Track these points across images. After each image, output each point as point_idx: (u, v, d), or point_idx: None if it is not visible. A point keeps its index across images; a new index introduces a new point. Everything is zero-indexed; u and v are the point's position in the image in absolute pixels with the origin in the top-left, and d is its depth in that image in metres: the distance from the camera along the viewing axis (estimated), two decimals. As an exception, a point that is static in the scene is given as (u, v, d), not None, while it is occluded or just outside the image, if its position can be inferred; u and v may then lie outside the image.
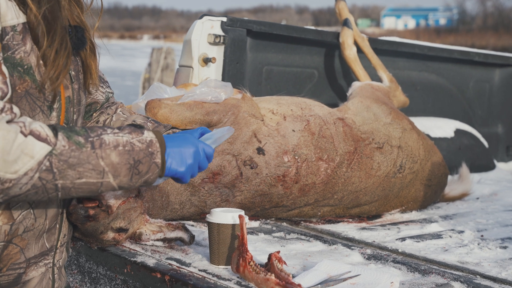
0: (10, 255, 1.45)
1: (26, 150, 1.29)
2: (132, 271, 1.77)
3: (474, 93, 3.93)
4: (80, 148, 1.35)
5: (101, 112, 1.86)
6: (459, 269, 1.90)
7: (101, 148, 1.38)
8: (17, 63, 1.39)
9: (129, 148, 1.41)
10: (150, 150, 1.44)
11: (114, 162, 1.39)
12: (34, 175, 1.31)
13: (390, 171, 2.56)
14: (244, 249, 1.66)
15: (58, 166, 1.33)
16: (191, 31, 2.73)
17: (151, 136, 1.45)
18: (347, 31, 3.05)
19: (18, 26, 1.39)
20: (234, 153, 2.28)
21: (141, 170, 1.43)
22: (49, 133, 1.33)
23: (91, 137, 1.38)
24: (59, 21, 1.45)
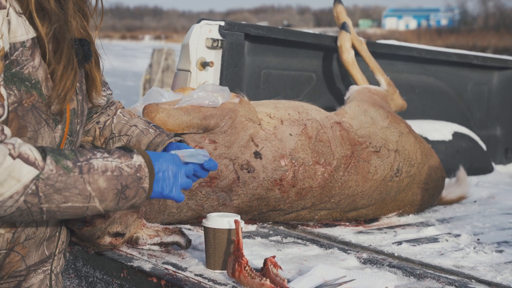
0: (11, 263, 1.47)
1: (13, 174, 1.29)
2: (128, 275, 1.78)
3: (473, 96, 3.94)
4: (68, 173, 1.35)
5: (101, 113, 1.85)
6: (454, 273, 1.91)
7: (89, 173, 1.37)
8: (25, 78, 1.40)
9: (117, 173, 1.40)
10: (139, 175, 1.44)
11: (101, 187, 1.38)
12: (20, 198, 1.31)
13: (387, 174, 2.57)
14: (240, 254, 1.67)
15: (44, 191, 1.33)
16: (189, 35, 2.74)
17: (140, 161, 1.44)
18: (345, 34, 3.06)
19: (27, 41, 1.40)
20: (231, 157, 2.29)
21: (128, 195, 1.43)
22: (37, 157, 1.33)
23: (79, 161, 1.37)
24: (66, 40, 1.46)
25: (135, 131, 1.82)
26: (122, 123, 1.84)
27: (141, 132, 1.82)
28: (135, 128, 1.82)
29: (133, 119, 1.87)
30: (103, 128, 1.83)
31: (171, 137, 1.79)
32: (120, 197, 1.41)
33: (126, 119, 1.86)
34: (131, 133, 1.81)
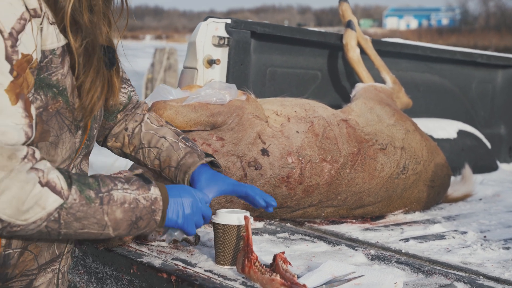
0: (25, 262, 1.48)
1: (40, 201, 1.33)
2: (138, 271, 1.79)
3: (477, 94, 3.94)
4: (89, 203, 1.39)
5: (126, 114, 1.84)
6: (462, 269, 1.92)
7: (108, 204, 1.42)
8: (53, 84, 1.41)
9: (134, 205, 1.46)
10: (153, 208, 1.49)
11: (117, 218, 1.44)
12: (42, 224, 1.35)
13: (394, 172, 2.58)
14: (250, 249, 1.67)
15: (66, 218, 1.37)
16: (196, 33, 2.74)
17: (156, 194, 1.50)
18: (351, 32, 3.06)
19: (57, 49, 1.41)
20: (239, 154, 2.30)
21: (140, 225, 1.49)
22: (63, 186, 1.36)
23: (101, 192, 1.42)
24: (96, 53, 1.47)
25: (164, 144, 1.82)
26: (151, 133, 1.83)
27: (171, 146, 1.81)
28: (164, 141, 1.82)
29: (162, 128, 1.85)
30: (131, 137, 1.83)
31: (202, 158, 1.80)
32: (132, 227, 1.48)
33: (155, 127, 1.85)
34: (160, 146, 1.81)
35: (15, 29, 1.31)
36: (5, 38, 1.29)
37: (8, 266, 1.45)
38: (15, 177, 1.30)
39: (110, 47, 1.56)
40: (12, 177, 1.30)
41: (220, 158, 2.26)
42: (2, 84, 1.29)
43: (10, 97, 1.30)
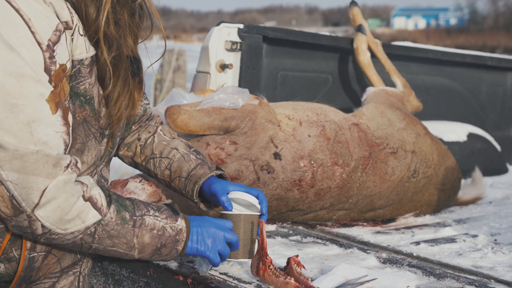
0: (48, 265, 1.52)
1: (81, 215, 1.40)
2: (155, 273, 1.83)
3: (487, 97, 3.96)
4: (124, 224, 1.48)
5: (140, 125, 1.89)
6: (473, 273, 1.94)
7: (140, 227, 1.50)
8: (81, 93, 1.47)
9: (161, 233, 1.54)
10: (177, 238, 1.58)
11: (145, 242, 1.52)
12: (78, 236, 1.43)
13: (404, 175, 2.60)
14: (264, 253, 1.70)
15: (100, 234, 1.45)
16: (209, 38, 2.78)
17: (182, 225, 1.59)
18: (361, 36, 3.09)
19: (86, 60, 1.46)
20: (252, 158, 2.33)
21: (162, 252, 1.57)
22: (104, 203, 1.44)
23: (135, 215, 1.50)
24: (124, 65, 1.52)
25: (176, 155, 1.85)
26: (163, 144, 1.88)
27: (182, 157, 1.85)
28: (176, 152, 1.86)
29: (174, 140, 1.90)
30: (144, 146, 1.87)
31: (213, 170, 1.84)
32: (155, 253, 1.56)
33: (167, 139, 1.89)
34: (172, 157, 1.85)
35: (52, 40, 1.37)
36: (44, 50, 1.35)
37: (33, 268, 1.49)
38: (63, 188, 1.37)
39: (135, 58, 1.61)
40: (59, 187, 1.36)
41: (233, 162, 2.29)
42: (43, 95, 1.35)
43: (51, 106, 1.36)
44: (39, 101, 1.34)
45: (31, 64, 1.33)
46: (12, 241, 1.45)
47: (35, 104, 1.34)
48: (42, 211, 1.36)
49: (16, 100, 1.32)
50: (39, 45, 1.35)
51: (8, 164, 1.33)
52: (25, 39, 1.33)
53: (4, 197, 1.35)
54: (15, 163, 1.33)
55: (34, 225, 1.37)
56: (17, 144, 1.32)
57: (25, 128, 1.33)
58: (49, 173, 1.35)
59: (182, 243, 1.59)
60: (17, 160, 1.33)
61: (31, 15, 1.34)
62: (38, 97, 1.34)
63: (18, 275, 1.48)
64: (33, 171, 1.34)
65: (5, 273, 1.48)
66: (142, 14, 1.64)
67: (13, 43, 1.32)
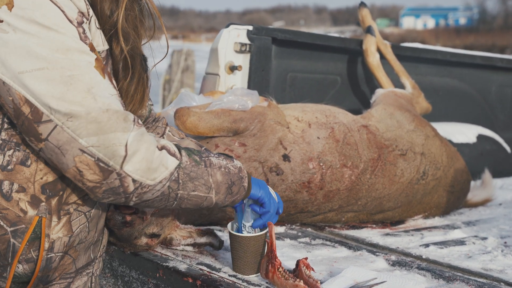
0: (64, 265, 1.54)
1: (163, 162, 1.45)
2: (164, 275, 1.84)
3: (497, 98, 3.94)
4: (198, 165, 1.53)
5: (147, 127, 1.91)
6: (483, 276, 1.93)
7: (210, 167, 1.57)
8: None
9: (227, 171, 1.61)
10: (241, 175, 1.65)
11: (218, 180, 1.58)
12: (166, 184, 1.47)
13: (413, 177, 2.60)
14: (273, 255, 1.71)
15: (183, 178, 1.50)
16: (218, 39, 2.79)
17: (240, 164, 1.67)
18: (370, 38, 3.09)
19: (102, 52, 1.50)
20: (261, 160, 2.33)
21: (233, 190, 1.63)
22: (175, 150, 1.50)
23: (203, 157, 1.56)
24: (138, 58, 1.57)
25: None
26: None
27: None
28: None
29: (184, 140, 1.95)
30: None
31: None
32: (228, 192, 1.62)
33: (177, 139, 1.95)
34: None
35: (78, 21, 1.42)
36: (77, 26, 1.41)
37: (50, 269, 1.51)
38: (141, 139, 1.42)
39: (143, 55, 1.65)
40: (138, 139, 1.41)
41: (242, 164, 2.29)
42: (91, 63, 1.40)
43: (100, 72, 1.42)
44: (90, 68, 1.40)
45: (72, 37, 1.39)
46: (31, 242, 1.46)
47: (88, 71, 1.39)
48: (130, 165, 1.40)
49: (71, 72, 1.37)
50: (71, 22, 1.40)
51: (84, 130, 1.37)
52: (58, 18, 1.38)
53: (89, 164, 1.38)
54: (90, 127, 1.37)
55: (126, 182, 1.41)
56: (87, 109, 1.37)
57: (87, 95, 1.37)
58: (124, 127, 1.40)
59: (246, 179, 1.67)
60: (92, 123, 1.37)
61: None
62: (88, 65, 1.40)
63: (35, 275, 1.49)
64: (110, 129, 1.38)
65: (23, 274, 1.49)
66: (145, 13, 1.66)
67: (48, 23, 1.37)
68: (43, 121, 1.37)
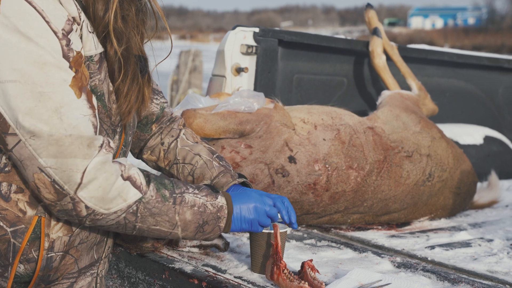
0: (66, 265, 1.55)
1: (122, 193, 1.43)
2: (170, 277, 1.85)
3: (504, 99, 3.93)
4: (164, 201, 1.50)
5: (160, 127, 1.90)
6: (488, 278, 1.93)
7: (180, 205, 1.52)
8: (91, 89, 1.49)
9: (202, 209, 1.56)
10: (219, 215, 1.59)
11: (187, 219, 1.54)
12: (121, 215, 1.45)
13: (419, 179, 2.60)
14: (278, 257, 1.72)
15: (142, 212, 1.47)
16: (224, 41, 2.80)
17: (222, 202, 1.60)
18: (377, 39, 3.09)
19: (95, 56, 1.50)
20: (267, 161, 2.34)
21: (205, 230, 1.59)
22: (143, 182, 1.47)
23: (175, 193, 1.52)
24: (132, 58, 1.55)
25: (199, 161, 1.87)
26: (186, 149, 1.89)
27: (205, 164, 1.86)
28: (199, 158, 1.87)
29: (197, 145, 1.90)
30: (167, 151, 1.89)
31: (235, 178, 1.85)
32: (198, 231, 1.57)
33: (190, 144, 1.90)
34: (194, 163, 1.87)
35: (65, 30, 1.41)
36: (60, 38, 1.40)
37: (50, 268, 1.52)
38: (102, 168, 1.40)
39: (142, 56, 1.64)
40: (98, 167, 1.40)
41: (248, 166, 2.31)
42: (66, 81, 1.39)
43: (75, 91, 1.40)
44: (63, 87, 1.38)
45: (51, 51, 1.37)
46: (31, 241, 1.48)
47: (60, 90, 1.38)
48: (84, 192, 1.39)
49: (42, 88, 1.36)
50: (55, 33, 1.39)
51: (44, 151, 1.37)
52: (41, 29, 1.37)
53: (46, 183, 1.38)
54: (51, 148, 1.37)
55: (78, 207, 1.41)
56: (50, 131, 1.36)
57: (54, 114, 1.37)
58: (85, 153, 1.39)
59: (224, 220, 1.61)
60: (53, 145, 1.37)
61: (43, 6, 1.38)
62: (62, 83, 1.38)
63: (36, 274, 1.51)
64: (70, 154, 1.37)
65: (24, 274, 1.51)
66: (146, 12, 1.67)
67: (30, 34, 1.36)
68: (9, 133, 1.38)
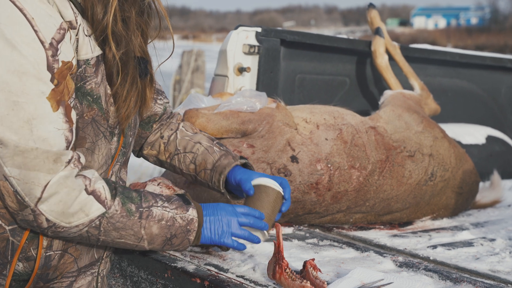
0: (65, 264, 1.56)
1: (84, 208, 1.43)
2: (172, 276, 1.85)
3: (506, 99, 3.93)
4: (129, 216, 1.49)
5: (161, 124, 1.91)
6: (490, 277, 1.93)
7: (147, 219, 1.52)
8: (87, 92, 1.49)
9: (170, 223, 1.55)
10: (188, 228, 1.59)
11: (153, 233, 1.54)
12: (83, 229, 1.45)
13: (422, 179, 2.60)
14: (280, 256, 1.72)
15: (106, 227, 1.47)
16: (227, 41, 2.80)
17: (193, 215, 1.59)
18: (379, 39, 3.09)
19: (92, 59, 1.49)
20: (269, 161, 2.35)
21: (174, 242, 1.59)
22: (107, 196, 1.46)
23: (142, 207, 1.51)
24: (131, 62, 1.55)
25: (200, 148, 1.88)
26: (186, 139, 1.90)
27: (206, 150, 1.88)
28: (199, 146, 1.88)
29: (197, 135, 1.92)
30: (167, 144, 1.90)
31: (237, 159, 1.86)
32: (166, 243, 1.58)
33: (190, 134, 1.92)
34: (196, 151, 1.88)
35: (55, 39, 1.40)
36: (46, 49, 1.38)
37: (49, 267, 1.52)
38: (64, 183, 1.40)
39: (143, 58, 1.63)
40: (61, 182, 1.39)
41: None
42: (43, 93, 1.38)
43: (52, 104, 1.39)
44: (40, 98, 1.37)
45: (33, 62, 1.37)
46: (30, 240, 1.49)
47: (36, 101, 1.37)
48: (45, 206, 1.39)
49: (17, 98, 1.35)
50: (42, 43, 1.38)
51: (10, 160, 1.37)
52: (28, 37, 1.36)
53: (9, 192, 1.39)
54: (16, 159, 1.36)
55: (39, 219, 1.41)
56: (18, 141, 1.36)
57: (25, 125, 1.36)
58: (50, 168, 1.38)
59: (193, 233, 1.60)
60: (18, 156, 1.36)
61: (34, 14, 1.37)
62: (39, 95, 1.37)
63: (35, 273, 1.51)
64: (34, 167, 1.37)
65: (23, 272, 1.51)
66: (150, 13, 1.66)
67: (15, 41, 1.35)
68: None
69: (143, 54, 1.63)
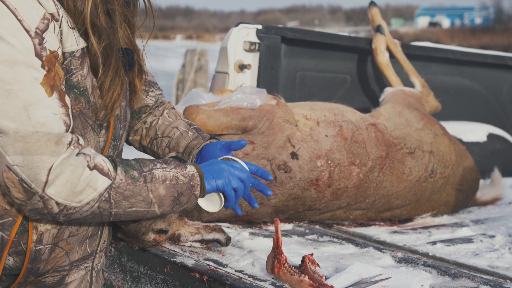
0: (57, 258, 1.55)
1: (91, 183, 1.42)
2: (172, 270, 1.86)
3: (508, 97, 3.93)
4: (135, 182, 1.48)
5: (149, 113, 1.93)
6: (489, 273, 1.94)
7: (152, 182, 1.51)
8: (74, 85, 1.50)
9: (174, 182, 1.54)
10: (192, 183, 1.58)
11: (161, 194, 1.52)
12: (95, 205, 1.44)
13: (422, 175, 2.60)
14: (279, 251, 1.73)
15: (115, 198, 1.46)
16: (227, 38, 2.81)
17: (193, 170, 1.59)
18: (380, 37, 3.09)
19: (77, 51, 1.49)
20: (269, 157, 2.35)
21: (182, 201, 1.57)
22: (110, 168, 1.45)
23: (144, 171, 1.51)
24: (114, 53, 1.54)
25: (175, 133, 1.88)
26: (165, 124, 1.91)
27: (181, 134, 1.88)
28: (176, 130, 1.89)
29: (177, 120, 1.92)
30: (149, 129, 1.91)
31: (206, 139, 1.86)
32: (175, 203, 1.56)
33: (171, 120, 1.92)
34: (172, 135, 1.88)
35: (40, 28, 1.40)
36: (33, 37, 1.38)
37: (40, 261, 1.52)
38: (66, 162, 1.39)
39: (128, 49, 1.63)
40: (63, 162, 1.39)
41: (250, 161, 2.32)
42: (36, 79, 1.38)
43: (46, 89, 1.39)
44: (33, 85, 1.37)
45: (22, 50, 1.36)
46: (20, 234, 1.49)
47: (29, 88, 1.37)
48: (52, 189, 1.38)
49: (10, 86, 1.35)
50: (27, 32, 1.38)
51: (11, 147, 1.36)
52: (13, 28, 1.36)
53: (14, 182, 1.38)
54: (17, 145, 1.36)
55: (49, 204, 1.40)
56: (17, 127, 1.35)
57: (22, 112, 1.36)
58: (52, 150, 1.38)
59: (198, 187, 1.59)
60: (19, 142, 1.36)
61: (17, 5, 1.38)
62: (32, 81, 1.37)
63: (25, 267, 1.51)
64: (36, 150, 1.37)
65: (14, 266, 1.51)
66: (136, 3, 1.67)
67: (1, 33, 1.35)
68: None
69: (130, 45, 1.63)
